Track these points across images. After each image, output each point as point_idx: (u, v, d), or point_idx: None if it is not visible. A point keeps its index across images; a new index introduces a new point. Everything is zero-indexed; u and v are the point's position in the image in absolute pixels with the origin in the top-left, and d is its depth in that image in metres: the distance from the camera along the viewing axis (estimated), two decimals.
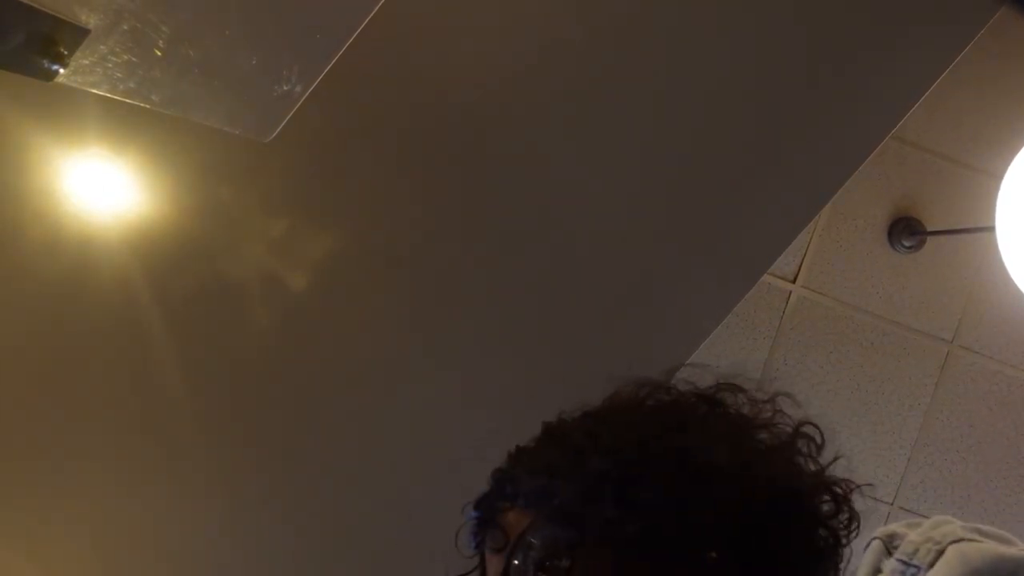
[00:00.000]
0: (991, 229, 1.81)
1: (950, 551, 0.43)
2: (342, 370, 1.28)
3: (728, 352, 2.29)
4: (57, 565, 1.28)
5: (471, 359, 1.31)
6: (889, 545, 0.47)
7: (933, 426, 2.40)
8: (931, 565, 0.44)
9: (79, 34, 0.81)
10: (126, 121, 1.09)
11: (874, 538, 0.48)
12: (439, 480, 1.35)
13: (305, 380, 1.27)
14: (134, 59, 0.88)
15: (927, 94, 1.29)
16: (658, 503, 0.50)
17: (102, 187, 1.12)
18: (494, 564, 0.58)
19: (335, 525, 1.35)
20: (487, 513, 0.61)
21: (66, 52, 0.82)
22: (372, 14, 0.98)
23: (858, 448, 2.36)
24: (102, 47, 0.85)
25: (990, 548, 0.43)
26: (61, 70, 0.83)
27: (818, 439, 0.57)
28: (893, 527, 0.48)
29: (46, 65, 0.82)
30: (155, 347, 1.21)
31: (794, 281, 2.31)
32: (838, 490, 0.56)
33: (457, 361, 1.31)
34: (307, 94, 1.00)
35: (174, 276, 1.19)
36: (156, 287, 1.18)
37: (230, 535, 1.32)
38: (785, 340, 2.31)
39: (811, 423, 0.57)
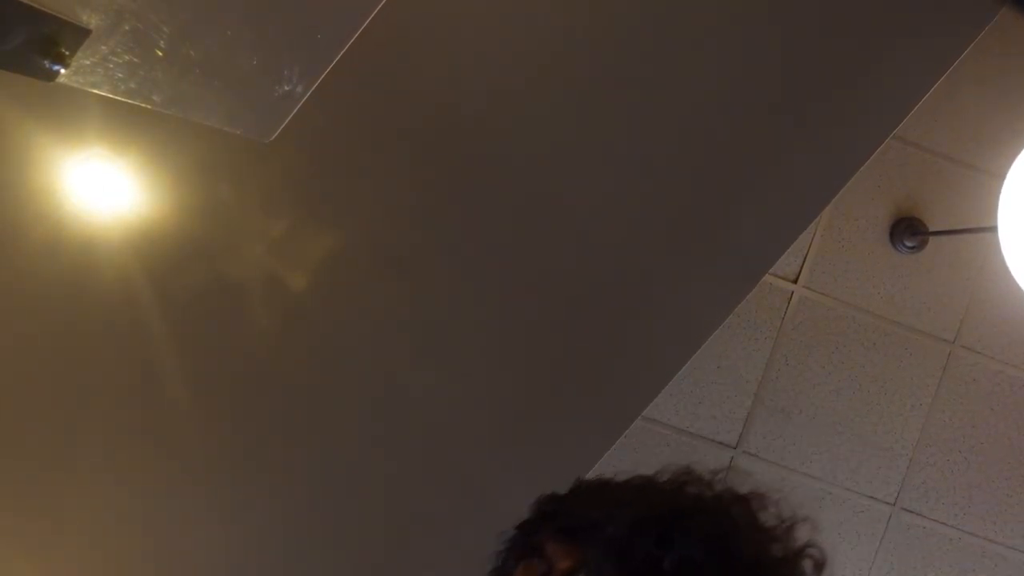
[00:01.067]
0: (993, 229, 1.81)
1: None
2: (342, 370, 1.28)
3: (729, 352, 2.29)
4: (57, 565, 1.28)
5: (470, 360, 1.31)
6: None
7: (935, 426, 2.40)
8: None
9: (80, 34, 0.81)
10: (127, 121, 1.09)
11: None
12: (439, 482, 1.35)
13: (306, 380, 1.27)
14: (135, 59, 0.88)
15: (928, 94, 1.29)
16: (695, 561, 0.56)
17: (103, 187, 1.13)
18: None
19: (336, 526, 1.35)
20: (529, 540, 0.64)
21: (67, 52, 0.82)
22: (373, 14, 0.98)
23: (859, 448, 2.36)
24: (103, 47, 0.85)
25: None
26: (62, 70, 0.83)
27: (820, 559, 0.63)
28: None
29: (47, 65, 0.82)
30: (156, 347, 1.21)
31: (795, 281, 2.31)
32: None
33: (457, 361, 1.31)
34: (308, 94, 1.00)
35: (175, 276, 1.19)
36: (157, 286, 1.18)
37: (230, 535, 1.32)
38: (787, 340, 2.31)
39: (818, 547, 0.63)
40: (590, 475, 1.33)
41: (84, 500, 1.27)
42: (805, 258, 2.31)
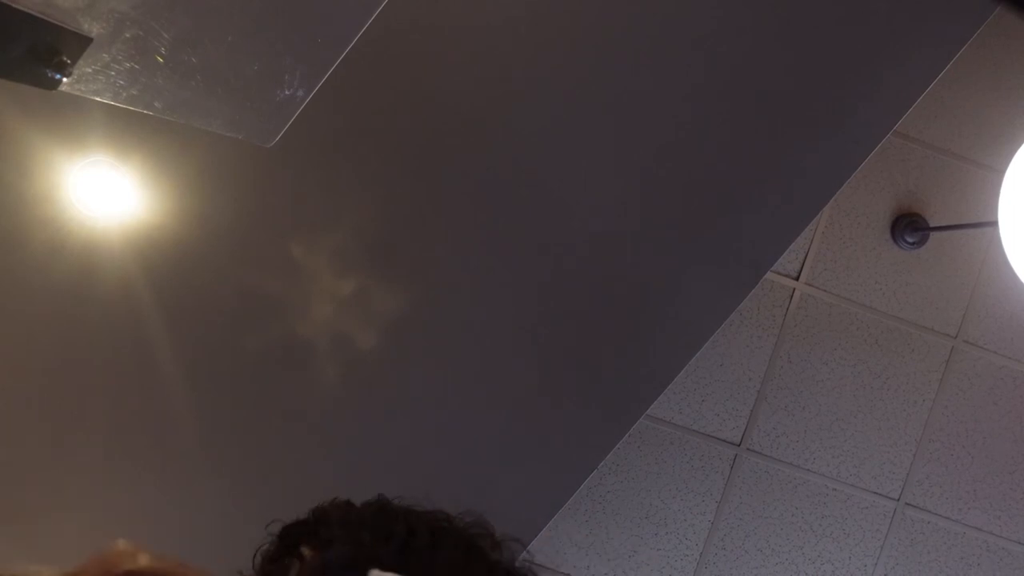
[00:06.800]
0: (994, 224, 1.81)
1: None
2: (341, 370, 1.28)
3: (732, 350, 2.29)
4: (57, 564, 1.29)
5: (473, 361, 1.31)
6: None
7: (938, 422, 2.40)
8: None
9: (82, 43, 0.82)
10: (129, 128, 1.09)
11: None
12: (441, 483, 1.35)
13: (306, 383, 1.28)
14: (136, 66, 0.88)
15: (929, 89, 1.29)
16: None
17: (105, 193, 1.13)
18: None
19: None
20: (289, 546, 0.67)
21: (69, 61, 0.82)
22: (373, 18, 0.98)
23: (863, 445, 2.36)
24: (105, 55, 0.85)
25: None
26: (64, 79, 0.83)
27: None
28: None
29: (49, 74, 0.82)
30: (157, 352, 1.21)
31: (797, 278, 2.31)
32: None
33: (459, 362, 1.31)
34: (309, 99, 1.01)
35: (176, 281, 1.19)
36: (158, 291, 1.19)
37: (227, 536, 1.33)
38: (789, 337, 2.31)
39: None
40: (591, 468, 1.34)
41: (85, 500, 1.27)
42: (806, 255, 2.31)
